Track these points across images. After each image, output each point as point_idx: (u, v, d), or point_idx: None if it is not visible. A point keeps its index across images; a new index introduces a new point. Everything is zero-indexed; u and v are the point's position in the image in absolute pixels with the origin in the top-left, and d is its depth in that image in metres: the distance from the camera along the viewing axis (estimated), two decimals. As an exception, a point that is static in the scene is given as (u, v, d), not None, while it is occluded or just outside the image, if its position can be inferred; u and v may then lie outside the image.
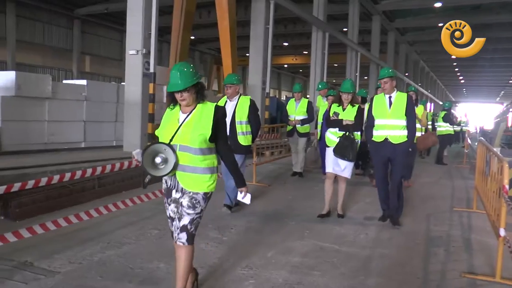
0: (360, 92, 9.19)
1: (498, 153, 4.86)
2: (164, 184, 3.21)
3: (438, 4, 20.88)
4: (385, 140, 5.41)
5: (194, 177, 3.04)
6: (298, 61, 37.85)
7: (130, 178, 7.02)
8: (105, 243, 4.51)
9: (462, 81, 52.87)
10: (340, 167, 5.73)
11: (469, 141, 15.57)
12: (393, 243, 4.88)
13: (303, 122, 8.54)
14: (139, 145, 8.85)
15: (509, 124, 19.90)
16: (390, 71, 5.48)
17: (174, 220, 3.13)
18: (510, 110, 30.66)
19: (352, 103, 5.74)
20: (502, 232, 3.77)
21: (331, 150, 5.75)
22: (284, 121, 8.96)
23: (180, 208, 3.08)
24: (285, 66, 43.37)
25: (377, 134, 5.50)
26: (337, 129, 5.73)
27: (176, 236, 3.08)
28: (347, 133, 5.62)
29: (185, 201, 3.06)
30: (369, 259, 4.35)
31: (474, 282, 3.84)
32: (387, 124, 5.40)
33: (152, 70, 9.19)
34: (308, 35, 21.21)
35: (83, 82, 11.60)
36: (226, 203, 5.91)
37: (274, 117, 20.05)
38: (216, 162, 3.19)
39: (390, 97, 5.44)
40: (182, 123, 3.04)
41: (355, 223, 5.63)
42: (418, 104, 8.49)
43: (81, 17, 26.02)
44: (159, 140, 3.08)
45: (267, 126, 12.19)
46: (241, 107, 5.88)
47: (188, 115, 3.06)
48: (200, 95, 3.09)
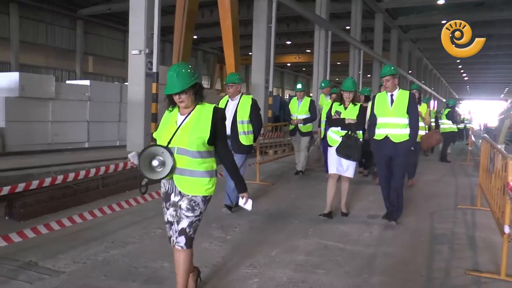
0: (364, 90, 9.18)
1: (502, 150, 4.84)
2: (163, 188, 3.14)
3: (441, 1, 20.80)
4: (386, 138, 5.35)
5: (192, 180, 2.97)
6: (301, 59, 37.80)
7: (133, 178, 7.03)
8: (109, 242, 4.53)
9: (465, 78, 52.66)
10: (343, 167, 5.67)
11: (473, 138, 15.51)
12: (397, 241, 4.87)
13: (305, 121, 8.47)
14: (142, 145, 8.88)
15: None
16: (392, 69, 5.42)
17: (172, 224, 3.06)
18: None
19: (354, 101, 5.67)
20: (506, 229, 3.75)
21: (333, 150, 5.67)
22: (287, 120, 8.94)
23: (179, 211, 3.01)
24: (288, 64, 43.36)
25: (378, 133, 5.44)
26: (339, 128, 5.66)
27: (174, 240, 3.01)
28: (349, 132, 5.55)
29: (184, 203, 2.99)
30: (373, 257, 4.35)
31: (479, 279, 3.83)
32: (388, 122, 5.34)
33: (155, 69, 9.21)
34: (310, 34, 21.21)
35: (86, 82, 11.66)
36: (227, 203, 5.83)
37: (277, 115, 20.07)
38: (215, 166, 3.11)
39: (392, 95, 5.38)
40: (180, 125, 2.98)
41: (359, 222, 5.62)
42: (421, 102, 8.46)
43: (84, 18, 26.08)
44: (157, 143, 3.01)
45: (270, 124, 12.19)
46: (242, 106, 5.81)
47: (186, 117, 2.99)
48: (199, 96, 3.02)
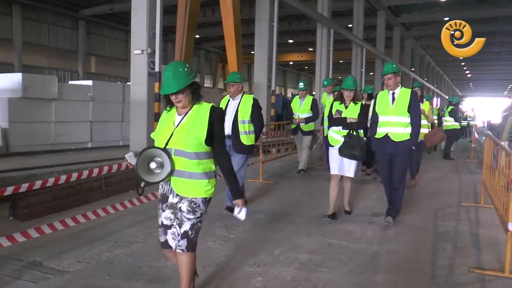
0: (367, 88, 9.15)
1: (506, 147, 4.81)
2: (160, 189, 3.05)
3: (443, -2, 20.77)
4: (387, 137, 5.29)
5: (190, 183, 2.89)
6: (303, 58, 37.79)
7: (136, 177, 7.03)
8: (112, 242, 4.53)
9: (468, 75, 52.54)
10: (344, 167, 5.57)
11: (476, 135, 15.46)
12: (401, 239, 4.86)
13: (307, 120, 8.42)
14: (145, 144, 8.88)
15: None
16: (394, 67, 5.35)
17: (167, 228, 2.98)
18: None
19: (355, 100, 5.56)
20: (510, 226, 3.74)
21: (335, 150, 5.57)
22: (289, 119, 8.91)
23: (179, 214, 2.94)
24: (291, 63, 43.36)
25: (379, 131, 5.38)
26: (340, 128, 5.56)
27: (176, 244, 2.94)
28: (351, 132, 5.46)
29: (184, 206, 2.92)
30: (376, 255, 4.34)
31: (483, 277, 3.81)
32: (389, 121, 5.27)
33: (157, 69, 9.23)
34: (313, 32, 21.21)
35: (89, 82, 11.69)
36: (228, 204, 5.71)
37: (280, 114, 20.09)
38: (214, 167, 3.01)
39: (393, 94, 5.31)
40: (177, 126, 2.90)
41: (362, 220, 5.61)
42: (424, 100, 8.43)
43: (86, 18, 26.16)
44: (155, 144, 2.95)
45: (273, 123, 12.18)
46: (244, 106, 5.70)
47: (183, 117, 2.90)
48: (196, 95, 2.92)
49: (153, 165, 2.86)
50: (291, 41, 31.82)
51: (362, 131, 5.62)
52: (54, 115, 10.18)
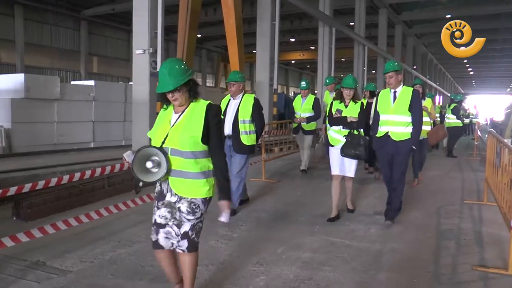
0: (369, 86, 9.11)
1: (509, 145, 4.80)
2: (158, 187, 2.96)
3: (445, -5, 20.72)
4: (387, 136, 5.23)
5: (187, 182, 2.82)
6: (305, 56, 37.77)
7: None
8: (115, 241, 4.54)
9: (471, 73, 52.37)
10: (345, 167, 5.52)
11: (479, 133, 15.42)
12: (404, 237, 4.85)
13: (309, 119, 8.38)
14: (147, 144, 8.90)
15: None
16: (395, 65, 5.29)
17: (159, 227, 2.89)
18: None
19: (354, 99, 5.50)
20: (513, 224, 3.73)
21: (335, 150, 5.50)
22: (290, 118, 8.88)
23: (178, 214, 2.87)
24: (293, 62, 43.32)
25: (380, 130, 5.33)
26: (340, 127, 5.49)
27: (176, 244, 2.89)
28: (352, 131, 5.40)
29: (184, 206, 2.84)
30: (379, 253, 4.34)
31: (486, 275, 3.81)
32: (390, 120, 5.21)
33: (159, 69, 9.22)
34: (315, 30, 21.17)
35: (91, 82, 11.72)
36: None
37: (282, 113, 20.09)
38: (212, 166, 2.91)
39: (395, 92, 5.25)
40: (173, 125, 2.85)
41: (365, 218, 5.60)
42: (425, 97, 8.40)
43: (88, 18, 26.20)
44: (151, 143, 2.89)
45: (275, 122, 12.17)
46: (244, 105, 5.63)
47: (180, 116, 2.85)
48: (193, 93, 2.86)
49: (149, 164, 2.80)
50: (293, 39, 31.79)
51: (362, 130, 5.55)
52: (56, 115, 10.21)
